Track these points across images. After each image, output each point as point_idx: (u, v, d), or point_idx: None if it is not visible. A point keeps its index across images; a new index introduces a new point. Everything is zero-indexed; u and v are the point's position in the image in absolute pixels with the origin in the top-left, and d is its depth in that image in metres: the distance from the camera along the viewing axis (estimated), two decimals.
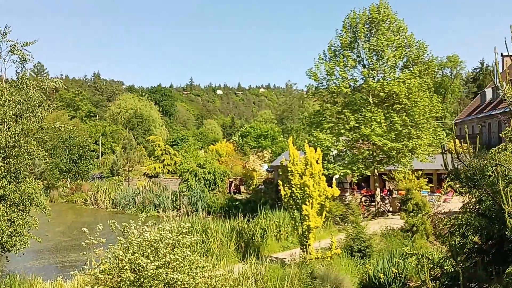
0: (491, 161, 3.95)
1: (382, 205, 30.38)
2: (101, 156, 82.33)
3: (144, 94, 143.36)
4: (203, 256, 15.43)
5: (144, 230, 9.01)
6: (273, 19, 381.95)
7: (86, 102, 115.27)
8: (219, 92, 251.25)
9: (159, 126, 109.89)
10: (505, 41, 4.20)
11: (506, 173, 3.80)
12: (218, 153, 61.71)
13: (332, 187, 17.78)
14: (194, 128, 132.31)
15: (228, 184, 45.22)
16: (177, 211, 38.47)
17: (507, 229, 3.65)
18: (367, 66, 29.20)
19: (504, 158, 3.74)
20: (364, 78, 29.14)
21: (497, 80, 5.17)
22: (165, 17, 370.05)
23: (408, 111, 27.99)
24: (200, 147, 76.05)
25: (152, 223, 9.51)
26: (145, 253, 8.50)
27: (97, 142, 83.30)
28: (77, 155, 55.75)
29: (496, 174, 3.83)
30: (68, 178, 55.79)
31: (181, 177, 42.36)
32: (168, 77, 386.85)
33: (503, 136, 4.76)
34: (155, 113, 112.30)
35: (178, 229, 9.24)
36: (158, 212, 38.92)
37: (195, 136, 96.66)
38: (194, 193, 38.81)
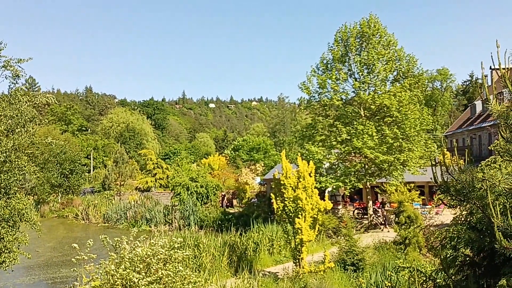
0: (479, 176, 3.99)
1: (374, 217, 30.41)
2: (93, 170, 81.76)
3: (136, 107, 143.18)
4: (195, 271, 15.32)
5: (136, 245, 8.94)
6: (266, 32, 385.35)
7: (77, 116, 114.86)
8: (212, 105, 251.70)
9: (151, 139, 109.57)
10: (491, 56, 4.27)
11: (493, 187, 3.84)
12: (211, 166, 61.55)
13: (324, 200, 17.80)
14: (187, 141, 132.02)
15: (220, 197, 45.04)
16: (169, 226, 38.23)
17: (497, 242, 3.67)
18: (358, 79, 29.47)
19: (490, 173, 3.78)
20: (356, 91, 29.40)
21: (485, 94, 5.26)
22: (158, 30, 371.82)
23: (399, 124, 28.21)
24: (192, 161, 75.75)
25: (144, 238, 9.45)
26: (137, 269, 8.43)
27: (89, 156, 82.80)
28: (68, 170, 55.32)
29: (485, 187, 3.86)
30: (59, 193, 55.27)
31: (173, 191, 42.14)
32: (160, 90, 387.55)
33: (493, 148, 4.82)
34: (147, 126, 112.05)
35: (170, 244, 9.19)
36: (150, 226, 38.66)
37: (187, 150, 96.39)
38: (187, 207, 38.60)
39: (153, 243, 9.12)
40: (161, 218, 39.64)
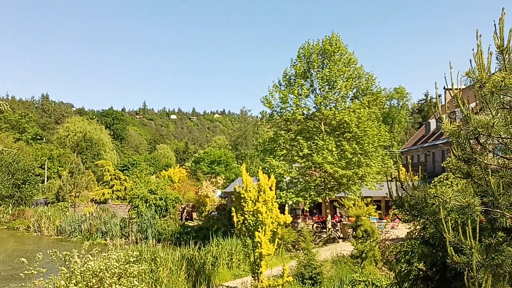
0: (431, 192, 4.10)
1: (333, 231, 30.76)
2: (47, 180, 78.85)
3: (94, 117, 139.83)
4: (152, 286, 14.97)
5: (88, 258, 8.62)
6: (230, 45, 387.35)
7: (32, 124, 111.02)
8: (173, 116, 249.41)
9: (109, 150, 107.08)
10: (445, 77, 4.44)
11: (445, 203, 3.96)
12: (171, 178, 60.66)
13: (285, 213, 17.84)
14: (146, 153, 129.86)
15: (180, 210, 44.35)
16: (125, 239, 37.22)
17: (449, 257, 3.77)
18: (320, 95, 29.99)
19: (442, 189, 3.90)
20: (317, 107, 29.90)
21: (439, 113, 5.45)
22: (118, 39, 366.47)
23: (358, 140, 28.85)
24: (152, 173, 74.49)
25: (97, 251, 9.13)
26: (89, 284, 8.12)
27: (43, 166, 79.86)
28: (20, 180, 53.09)
29: (437, 204, 3.98)
30: (10, 204, 52.87)
31: (131, 203, 41.13)
32: (120, 100, 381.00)
33: (445, 165, 4.98)
34: (105, 137, 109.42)
35: (125, 257, 8.92)
36: (106, 239, 37.51)
37: (147, 161, 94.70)
38: (144, 220, 37.71)
39: (106, 256, 8.83)
40: (117, 231, 38.49)
